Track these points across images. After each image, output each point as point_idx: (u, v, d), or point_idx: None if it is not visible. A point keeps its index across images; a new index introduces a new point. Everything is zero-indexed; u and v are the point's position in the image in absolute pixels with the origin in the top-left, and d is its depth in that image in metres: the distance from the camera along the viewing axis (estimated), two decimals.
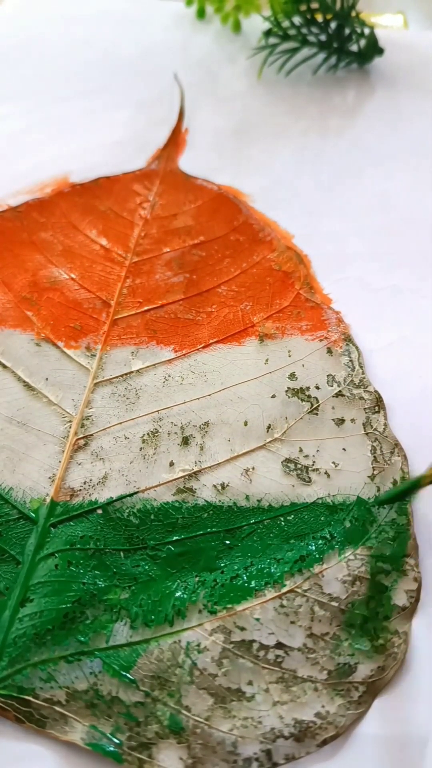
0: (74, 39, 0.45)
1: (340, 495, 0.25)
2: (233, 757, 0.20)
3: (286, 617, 0.22)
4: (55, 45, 0.45)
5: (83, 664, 0.22)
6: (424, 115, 0.40)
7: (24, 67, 0.43)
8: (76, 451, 0.27)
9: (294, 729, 0.21)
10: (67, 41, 0.45)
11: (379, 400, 0.28)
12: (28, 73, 0.43)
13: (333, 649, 0.22)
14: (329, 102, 0.41)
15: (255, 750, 0.20)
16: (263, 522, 0.25)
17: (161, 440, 0.27)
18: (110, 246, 0.34)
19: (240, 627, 0.22)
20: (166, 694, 0.21)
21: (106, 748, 0.20)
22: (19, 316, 0.31)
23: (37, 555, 0.24)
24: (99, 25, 0.46)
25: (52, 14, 0.47)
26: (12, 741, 0.21)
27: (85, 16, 0.47)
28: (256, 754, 0.20)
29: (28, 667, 0.22)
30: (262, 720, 0.21)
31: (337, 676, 0.22)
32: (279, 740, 0.21)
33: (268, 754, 0.20)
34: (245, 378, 0.29)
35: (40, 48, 0.45)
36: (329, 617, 0.23)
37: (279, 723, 0.21)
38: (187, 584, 0.23)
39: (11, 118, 0.40)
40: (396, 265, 0.33)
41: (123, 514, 0.25)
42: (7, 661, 0.22)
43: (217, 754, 0.20)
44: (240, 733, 0.21)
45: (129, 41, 0.45)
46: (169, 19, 0.46)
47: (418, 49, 0.43)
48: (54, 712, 0.21)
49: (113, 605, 0.23)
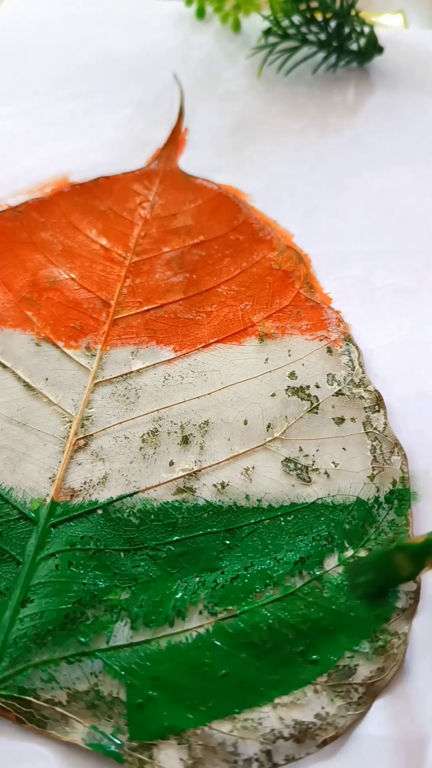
0: (73, 39, 0.45)
1: (340, 495, 0.25)
2: (234, 758, 0.20)
3: (286, 619, 0.22)
4: (53, 45, 0.45)
5: (84, 665, 0.22)
6: (423, 114, 0.40)
7: (23, 67, 0.43)
8: (77, 451, 0.27)
9: (294, 730, 0.21)
10: (65, 41, 0.45)
11: (379, 399, 0.28)
12: (27, 74, 0.43)
13: (332, 651, 0.22)
14: (329, 101, 0.41)
15: (255, 751, 0.20)
16: (263, 522, 0.25)
17: (161, 440, 0.27)
18: (110, 246, 0.34)
19: (240, 629, 0.22)
20: (167, 695, 0.21)
21: (107, 749, 0.20)
22: (19, 316, 0.31)
23: (38, 555, 0.24)
24: (98, 25, 0.46)
25: (49, 15, 0.47)
26: (13, 741, 0.21)
27: (84, 16, 0.47)
28: (257, 755, 0.20)
29: (29, 667, 0.22)
30: (262, 721, 0.21)
31: (337, 678, 0.22)
32: (279, 741, 0.21)
33: (268, 754, 0.20)
34: (245, 377, 0.29)
35: (39, 48, 0.44)
36: (329, 619, 0.22)
37: (279, 724, 0.21)
38: (188, 585, 0.23)
39: (10, 119, 0.40)
40: (396, 265, 0.33)
41: (123, 515, 0.25)
42: (8, 662, 0.22)
43: (218, 755, 0.20)
44: (240, 734, 0.21)
45: (128, 41, 0.45)
46: (168, 19, 0.46)
47: (418, 48, 0.43)
48: (55, 713, 0.21)
49: (114, 606, 0.23)
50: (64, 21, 0.46)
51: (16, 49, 0.44)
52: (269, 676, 0.22)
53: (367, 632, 0.22)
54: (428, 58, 0.42)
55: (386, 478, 0.26)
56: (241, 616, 0.23)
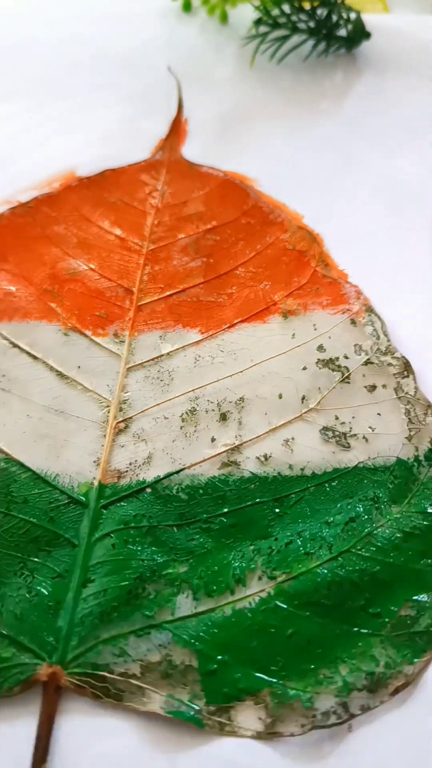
0: (65, 37, 0.45)
1: (380, 458, 0.26)
2: (312, 713, 0.21)
3: (344, 576, 0.23)
4: (45, 44, 0.45)
5: (153, 637, 0.22)
6: (413, 94, 0.41)
7: (20, 66, 0.43)
8: (118, 434, 0.27)
9: (366, 681, 0.21)
10: (58, 40, 0.45)
11: (407, 365, 0.28)
12: (24, 73, 0.43)
13: (392, 603, 0.23)
14: (322, 86, 0.42)
15: (332, 704, 0.21)
16: (309, 489, 0.26)
17: (200, 418, 0.27)
18: (125, 235, 0.34)
19: (301, 589, 0.23)
20: (238, 659, 0.22)
21: (186, 715, 0.21)
22: (43, 308, 0.31)
23: (92, 536, 0.24)
24: (91, 22, 0.46)
25: (39, 14, 0.47)
26: (92, 717, 0.21)
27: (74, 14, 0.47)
28: (333, 708, 0.21)
29: (98, 644, 0.22)
30: (334, 675, 0.21)
31: (400, 628, 0.22)
32: (353, 693, 0.21)
33: (344, 706, 0.21)
34: (274, 353, 0.29)
35: (32, 47, 0.45)
36: (385, 572, 0.23)
37: (351, 677, 0.21)
38: (243, 553, 0.24)
39: (11, 117, 0.40)
40: (406, 239, 0.34)
41: (172, 491, 0.25)
42: (77, 640, 0.22)
43: (296, 711, 0.21)
44: (315, 689, 0.21)
45: (119, 37, 0.45)
46: (158, 13, 0.47)
47: (403, 32, 0.44)
48: (130, 686, 0.21)
49: (174, 579, 0.23)
50: (52, 20, 0.47)
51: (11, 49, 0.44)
52: (335, 631, 0.22)
53: (426, 583, 0.23)
54: (412, 41, 0.44)
55: (423, 438, 0.26)
56: (299, 578, 0.23)
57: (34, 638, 0.22)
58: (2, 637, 0.22)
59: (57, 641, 0.22)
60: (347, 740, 0.21)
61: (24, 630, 0.22)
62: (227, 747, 0.20)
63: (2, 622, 0.22)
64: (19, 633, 0.22)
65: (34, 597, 0.23)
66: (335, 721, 0.21)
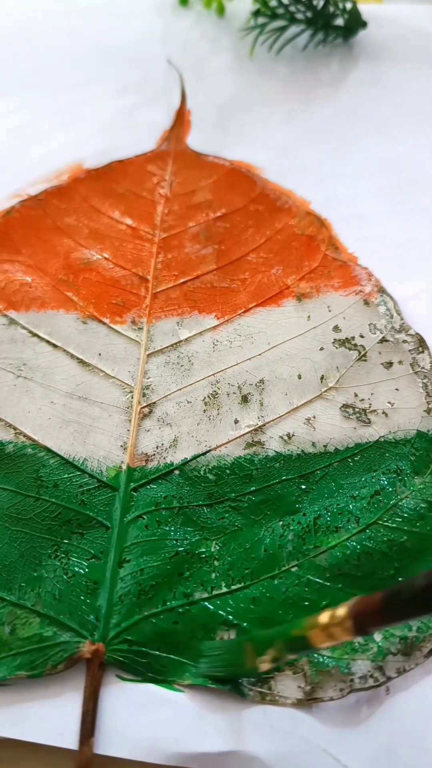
0: (65, 30, 0.46)
1: (401, 431, 0.27)
2: (349, 677, 0.21)
3: (373, 546, 0.24)
4: (47, 37, 0.45)
5: (191, 614, 0.22)
6: (411, 81, 0.42)
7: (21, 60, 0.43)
8: (143, 419, 0.27)
9: (400, 645, 0.22)
10: (58, 33, 0.45)
11: (421, 341, 0.29)
12: (24, 67, 0.43)
13: (421, 569, 0.23)
14: (321, 75, 0.42)
15: (368, 668, 0.22)
16: (333, 464, 0.26)
17: (222, 401, 0.28)
18: (136, 225, 0.34)
19: (331, 563, 0.23)
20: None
21: (229, 686, 0.21)
22: (60, 298, 0.31)
23: (125, 518, 0.25)
24: (89, 16, 0.47)
25: (38, 9, 0.47)
26: (136, 692, 0.21)
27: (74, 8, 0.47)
28: (370, 672, 0.21)
29: (139, 621, 0.22)
30: (369, 641, 0.22)
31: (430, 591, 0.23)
32: (389, 656, 0.22)
33: (380, 669, 0.22)
34: (291, 335, 0.30)
35: (34, 41, 0.45)
36: (413, 541, 0.24)
37: (385, 642, 0.22)
38: (273, 529, 0.24)
39: (15, 112, 0.40)
40: (413, 220, 0.35)
41: (200, 472, 0.26)
42: (117, 618, 0.22)
43: (334, 677, 0.21)
44: (351, 656, 0.22)
45: (117, 30, 0.46)
46: (155, 6, 0.47)
47: (397, 20, 0.45)
48: (172, 661, 0.22)
49: (207, 557, 0.24)
50: (51, 14, 0.47)
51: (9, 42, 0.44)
52: None
53: None
54: (407, 29, 0.45)
55: None
56: (329, 551, 0.24)
57: (74, 617, 0.22)
58: (42, 617, 0.22)
59: (98, 619, 0.22)
60: (385, 704, 0.21)
61: (63, 610, 0.22)
62: (271, 714, 0.21)
63: (41, 602, 0.23)
64: (59, 612, 0.22)
65: (71, 578, 0.23)
66: (372, 684, 0.21)
